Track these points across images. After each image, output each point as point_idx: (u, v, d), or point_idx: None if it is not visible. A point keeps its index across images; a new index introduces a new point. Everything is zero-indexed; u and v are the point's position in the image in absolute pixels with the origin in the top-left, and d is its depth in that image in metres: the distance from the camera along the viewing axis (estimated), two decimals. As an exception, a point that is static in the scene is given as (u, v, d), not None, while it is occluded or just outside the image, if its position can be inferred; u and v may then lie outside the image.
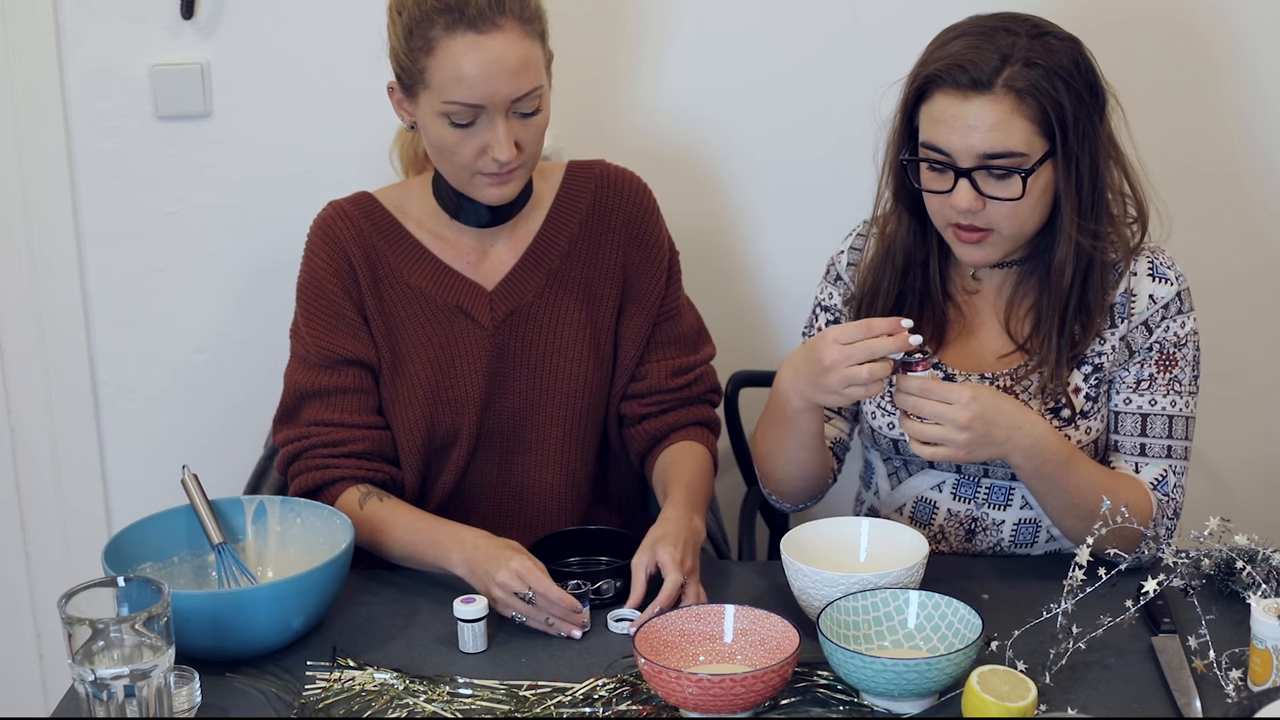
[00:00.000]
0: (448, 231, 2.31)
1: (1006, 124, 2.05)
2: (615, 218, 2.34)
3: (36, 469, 2.88)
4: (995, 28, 2.09)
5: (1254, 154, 2.77)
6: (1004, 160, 2.06)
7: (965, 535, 2.25)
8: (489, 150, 2.16)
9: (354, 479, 2.24)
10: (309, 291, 2.29)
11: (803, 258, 2.38)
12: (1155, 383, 2.17)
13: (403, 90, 2.21)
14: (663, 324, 2.37)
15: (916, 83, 2.11)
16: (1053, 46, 2.08)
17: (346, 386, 2.27)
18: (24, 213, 2.76)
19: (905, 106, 2.14)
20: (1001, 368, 2.20)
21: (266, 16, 2.69)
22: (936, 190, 2.10)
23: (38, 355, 2.82)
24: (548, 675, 1.95)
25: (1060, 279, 2.13)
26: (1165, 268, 2.19)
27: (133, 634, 1.73)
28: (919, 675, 1.80)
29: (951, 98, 2.07)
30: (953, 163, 2.07)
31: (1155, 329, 2.17)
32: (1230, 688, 1.85)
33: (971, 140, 2.05)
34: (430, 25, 2.13)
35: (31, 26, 2.68)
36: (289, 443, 2.28)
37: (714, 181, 2.78)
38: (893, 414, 2.22)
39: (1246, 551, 2.01)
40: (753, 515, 2.64)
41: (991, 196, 2.08)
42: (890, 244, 2.22)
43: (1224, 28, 2.70)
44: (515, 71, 2.13)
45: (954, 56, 2.07)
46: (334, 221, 2.30)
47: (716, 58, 2.72)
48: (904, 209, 2.20)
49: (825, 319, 2.30)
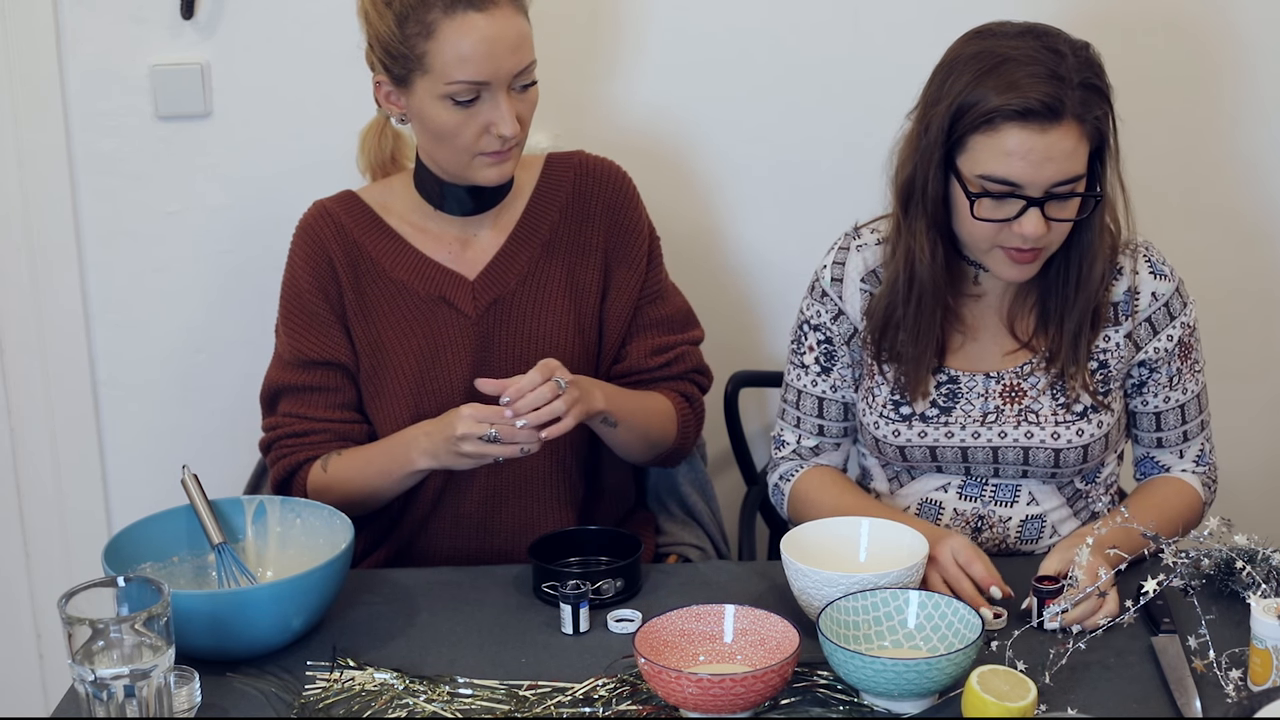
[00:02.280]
0: (430, 224, 2.33)
1: (1076, 152, 2.05)
2: (595, 204, 2.36)
3: (36, 469, 2.88)
4: (1034, 52, 2.05)
5: (1249, 154, 2.77)
6: (1072, 184, 2.06)
7: (972, 533, 2.25)
8: (493, 127, 2.19)
9: (319, 456, 2.30)
10: (287, 292, 2.35)
11: (803, 257, 2.38)
12: (1183, 374, 2.24)
13: (393, 82, 2.23)
14: (645, 307, 2.38)
15: (980, 112, 2.04)
16: (1092, 62, 2.08)
17: (316, 385, 2.31)
18: (24, 213, 2.76)
19: (950, 129, 2.07)
20: (1007, 365, 2.21)
21: (266, 16, 2.69)
22: (997, 219, 2.07)
23: (38, 355, 2.82)
24: (548, 675, 1.95)
25: (1090, 284, 2.14)
26: (1161, 264, 2.22)
27: (133, 634, 1.73)
28: (919, 675, 1.80)
29: (1028, 132, 2.02)
30: (1023, 194, 2.05)
31: (1168, 326, 2.21)
32: (1230, 688, 1.85)
33: (1046, 172, 2.04)
34: (428, 9, 2.16)
35: (31, 26, 2.68)
36: (267, 430, 2.36)
37: (714, 181, 2.78)
38: (897, 422, 2.21)
39: (1246, 551, 2.01)
40: (753, 515, 2.64)
41: (1054, 219, 2.08)
42: (915, 270, 2.15)
43: (1221, 31, 2.70)
44: (515, 46, 2.18)
45: (1017, 89, 2.02)
46: (315, 221, 2.34)
47: (717, 58, 2.72)
48: (936, 235, 2.14)
49: (815, 338, 2.28)
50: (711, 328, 2.48)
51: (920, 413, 2.21)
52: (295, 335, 2.31)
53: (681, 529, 2.51)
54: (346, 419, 2.32)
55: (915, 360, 2.18)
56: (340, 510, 2.12)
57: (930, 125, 2.09)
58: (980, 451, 2.21)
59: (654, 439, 2.35)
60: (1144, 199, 2.20)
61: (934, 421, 2.21)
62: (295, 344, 2.31)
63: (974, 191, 2.07)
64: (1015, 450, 2.20)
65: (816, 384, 2.29)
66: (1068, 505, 2.25)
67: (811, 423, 2.31)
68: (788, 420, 2.33)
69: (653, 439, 2.35)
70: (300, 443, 2.30)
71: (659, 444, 2.36)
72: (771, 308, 2.81)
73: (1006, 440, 2.19)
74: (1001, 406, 2.20)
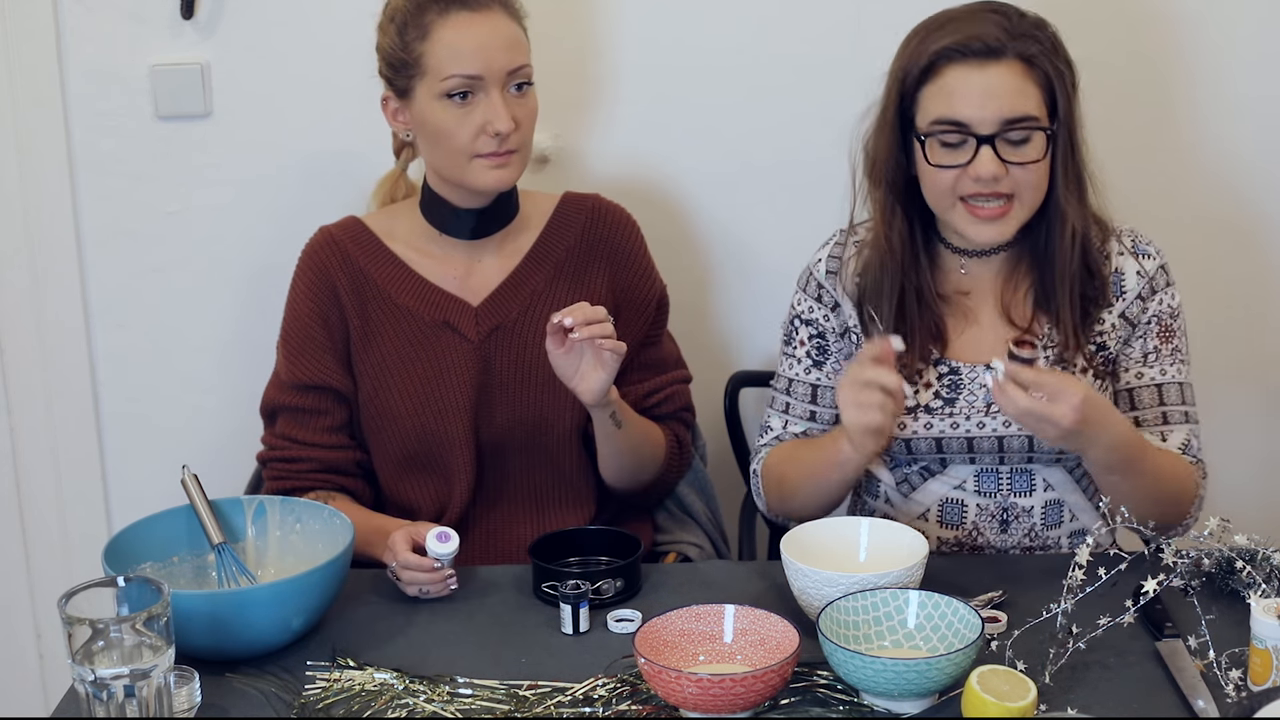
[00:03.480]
0: (435, 248, 2.37)
1: (1022, 89, 2.10)
2: (603, 247, 2.41)
3: (36, 469, 2.88)
4: (979, 10, 2.14)
5: (1245, 156, 2.77)
6: (1024, 124, 2.10)
7: (1000, 527, 2.26)
8: (489, 125, 2.23)
9: (307, 489, 2.33)
10: (288, 315, 2.39)
11: (802, 256, 2.38)
12: (1161, 354, 2.23)
13: (397, 96, 2.29)
14: (642, 350, 2.42)
15: (922, 62, 2.12)
16: (1038, 21, 2.14)
17: (308, 407, 2.36)
18: (24, 213, 2.76)
19: (901, 93, 2.16)
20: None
21: (266, 16, 2.70)
22: (952, 165, 2.12)
23: (38, 356, 2.82)
24: (548, 675, 1.95)
25: (1065, 253, 2.17)
26: (1145, 244, 2.25)
27: (133, 634, 1.73)
28: (919, 675, 1.80)
29: (967, 68, 2.10)
30: (971, 131, 2.10)
31: (1149, 301, 2.22)
32: (1230, 688, 1.85)
33: (992, 106, 2.09)
34: (424, 13, 2.23)
35: (31, 26, 2.68)
36: (266, 448, 2.42)
37: (714, 180, 2.78)
38: (903, 414, 2.21)
39: (1246, 551, 2.01)
40: (753, 515, 2.64)
41: (1012, 162, 2.11)
42: (887, 241, 2.21)
43: (1202, 27, 2.71)
44: (508, 44, 2.24)
45: (958, 32, 2.10)
46: (321, 249, 2.38)
47: (715, 60, 2.72)
48: (898, 204, 2.21)
49: (807, 332, 2.31)
50: (711, 328, 2.49)
51: (925, 404, 2.21)
52: (291, 358, 2.37)
53: (680, 528, 2.51)
54: (335, 444, 2.37)
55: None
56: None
57: (887, 94, 2.17)
58: (986, 441, 2.22)
59: (644, 461, 2.39)
60: (1122, 201, 2.23)
61: (939, 413, 2.21)
62: (291, 367, 2.37)
63: (924, 133, 2.13)
64: (1020, 439, 2.21)
65: (810, 373, 2.31)
66: (1078, 486, 2.26)
67: (803, 408, 2.32)
68: (775, 407, 2.35)
69: (643, 460, 2.39)
70: (290, 469, 2.36)
71: (647, 467, 2.40)
72: (770, 308, 2.80)
73: (1011, 429, 2.20)
74: None
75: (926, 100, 2.14)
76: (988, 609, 2.03)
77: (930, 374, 2.23)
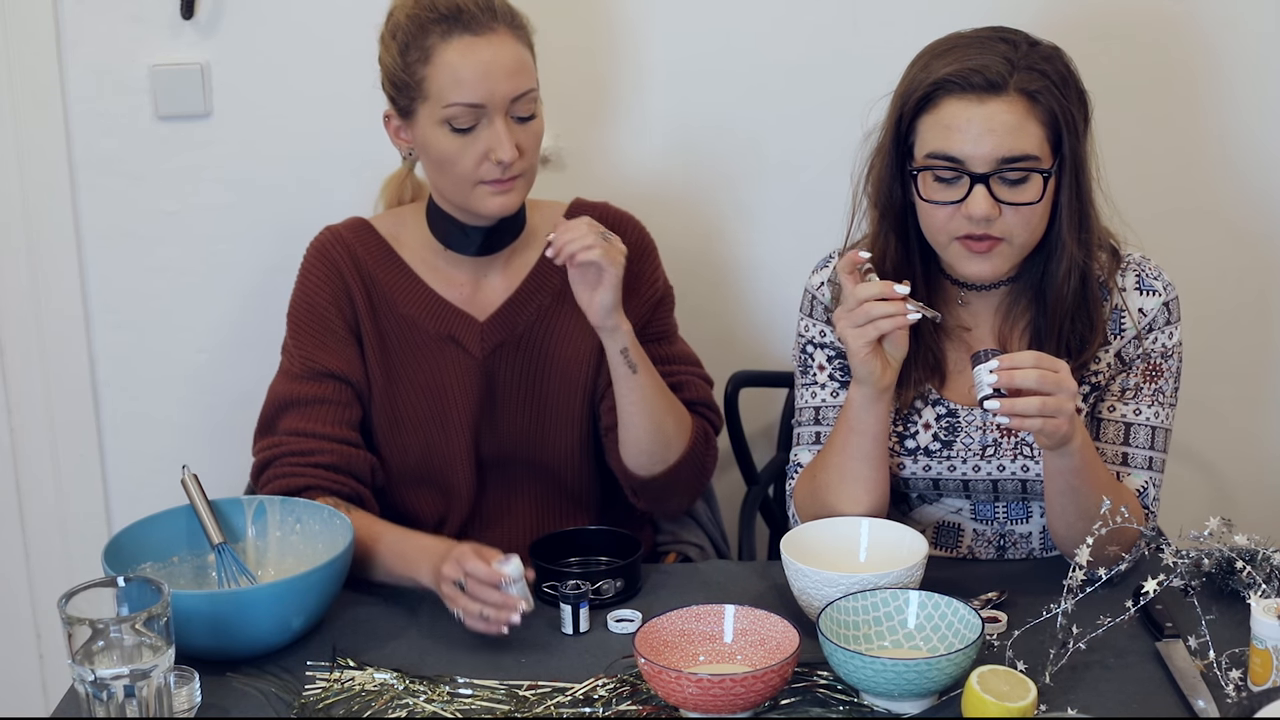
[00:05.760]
0: (441, 262, 2.33)
1: (1023, 127, 2.02)
2: None
3: (36, 469, 2.88)
4: (988, 38, 2.06)
5: (1240, 156, 2.77)
6: (1022, 164, 2.03)
7: (997, 551, 2.24)
8: (491, 153, 2.18)
9: (322, 489, 2.23)
10: (300, 307, 2.32)
11: (803, 256, 2.38)
12: (1141, 393, 2.15)
13: (399, 115, 2.25)
14: (650, 345, 2.33)
15: (920, 91, 2.05)
16: (1049, 54, 2.07)
17: (325, 397, 2.28)
18: (24, 213, 2.76)
19: (900, 121, 2.08)
20: None
21: (266, 17, 2.69)
22: (945, 201, 2.05)
23: (38, 355, 2.82)
24: (548, 675, 1.95)
25: (1060, 292, 2.10)
26: (1152, 279, 2.17)
27: (133, 634, 1.73)
28: (919, 675, 1.80)
29: (965, 102, 2.02)
30: (966, 169, 2.03)
31: (1144, 339, 2.15)
32: (1230, 688, 1.85)
33: (988, 144, 2.01)
34: (426, 35, 2.17)
35: (31, 26, 2.68)
36: (262, 451, 2.29)
37: (714, 180, 2.78)
38: (902, 455, 2.18)
39: (1246, 551, 2.01)
40: (753, 515, 2.64)
41: (1007, 202, 2.04)
42: (879, 267, 2.11)
43: (1199, 39, 2.71)
44: (512, 71, 2.18)
45: (960, 62, 2.03)
46: (330, 246, 2.33)
47: (716, 63, 2.72)
48: (891, 233, 2.14)
49: (824, 355, 2.23)
50: (711, 328, 2.49)
51: (923, 446, 2.19)
52: (308, 346, 2.29)
53: (680, 528, 2.51)
54: (351, 440, 2.27)
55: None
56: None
57: (888, 118, 2.10)
58: (981, 484, 2.19)
59: (668, 435, 2.29)
60: (1130, 206, 2.20)
61: (936, 455, 2.19)
62: (307, 354, 2.28)
63: (919, 167, 2.06)
64: (1014, 482, 2.18)
65: (838, 395, 2.22)
66: None
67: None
68: (803, 441, 2.24)
69: (667, 434, 2.28)
70: (303, 463, 2.24)
71: (670, 442, 2.29)
72: (771, 308, 2.81)
73: (1005, 473, 2.18)
74: (999, 439, 2.17)
75: (924, 131, 2.06)
76: (988, 609, 2.03)
77: (929, 414, 2.19)
